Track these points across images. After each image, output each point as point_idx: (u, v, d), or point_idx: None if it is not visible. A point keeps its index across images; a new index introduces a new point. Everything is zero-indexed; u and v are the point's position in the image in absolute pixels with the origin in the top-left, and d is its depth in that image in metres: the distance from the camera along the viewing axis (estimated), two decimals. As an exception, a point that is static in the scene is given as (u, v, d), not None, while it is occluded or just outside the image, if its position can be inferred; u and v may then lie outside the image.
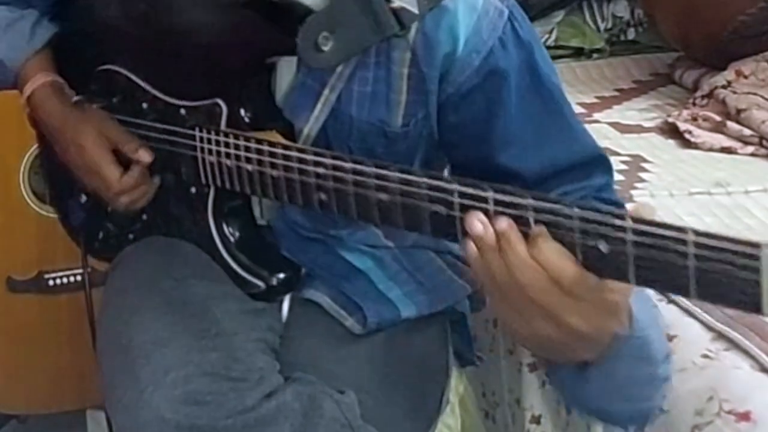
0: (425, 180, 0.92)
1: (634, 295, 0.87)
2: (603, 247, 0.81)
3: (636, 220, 0.80)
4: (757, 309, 0.75)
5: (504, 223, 0.86)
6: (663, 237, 0.78)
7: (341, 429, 1.11)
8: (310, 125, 1.13)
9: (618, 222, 0.80)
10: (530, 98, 1.10)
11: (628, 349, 0.90)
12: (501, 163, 1.10)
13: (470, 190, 0.89)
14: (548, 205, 0.84)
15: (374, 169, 0.96)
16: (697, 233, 0.77)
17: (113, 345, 1.15)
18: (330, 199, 1.01)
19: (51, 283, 1.96)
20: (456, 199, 0.90)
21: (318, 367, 1.17)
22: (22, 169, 1.94)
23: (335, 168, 1.00)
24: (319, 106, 1.12)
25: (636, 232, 0.79)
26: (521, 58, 1.10)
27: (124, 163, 1.23)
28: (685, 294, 0.78)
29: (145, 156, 1.21)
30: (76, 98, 1.30)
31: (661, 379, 0.96)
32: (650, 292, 1.01)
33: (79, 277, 1.90)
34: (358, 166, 0.97)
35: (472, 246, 0.87)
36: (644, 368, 0.94)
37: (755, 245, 0.74)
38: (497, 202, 0.87)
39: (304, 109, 1.13)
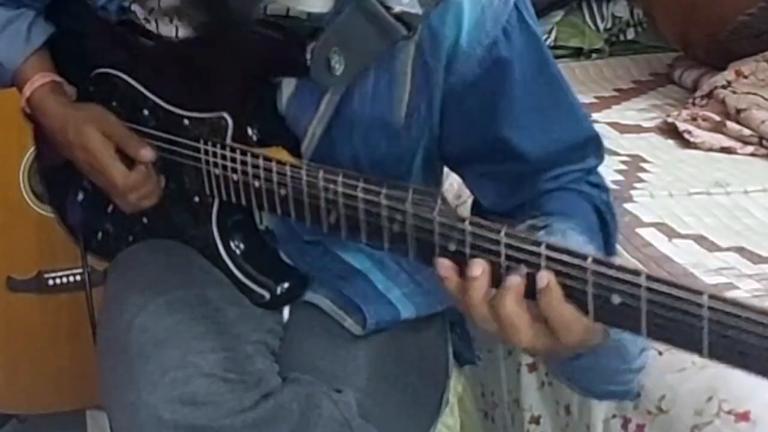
0: (438, 218, 0.91)
1: None
2: (615, 300, 0.81)
3: (650, 277, 0.79)
4: None
5: (543, 278, 0.85)
6: (677, 297, 0.78)
7: (339, 428, 1.11)
8: (315, 124, 1.13)
9: (632, 278, 0.80)
10: (536, 84, 1.11)
11: (605, 351, 0.92)
12: (507, 147, 1.11)
13: (484, 232, 0.88)
14: (561, 256, 0.84)
15: (386, 201, 0.95)
16: (712, 297, 0.76)
17: (113, 345, 1.15)
18: (339, 222, 1.01)
19: (51, 282, 1.96)
20: (468, 239, 0.89)
21: (318, 368, 1.17)
22: (22, 169, 1.94)
23: (346, 196, 0.99)
24: (323, 106, 1.12)
25: (650, 290, 0.79)
26: (527, 45, 1.10)
27: (129, 161, 1.21)
28: (699, 354, 0.78)
29: (147, 155, 1.19)
30: (73, 100, 1.30)
31: (636, 370, 0.99)
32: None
33: (79, 277, 1.91)
34: (370, 197, 0.97)
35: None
36: (619, 364, 0.97)
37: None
38: (509, 246, 0.87)
39: (308, 109, 1.13)
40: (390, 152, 1.14)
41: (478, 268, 0.88)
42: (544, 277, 0.84)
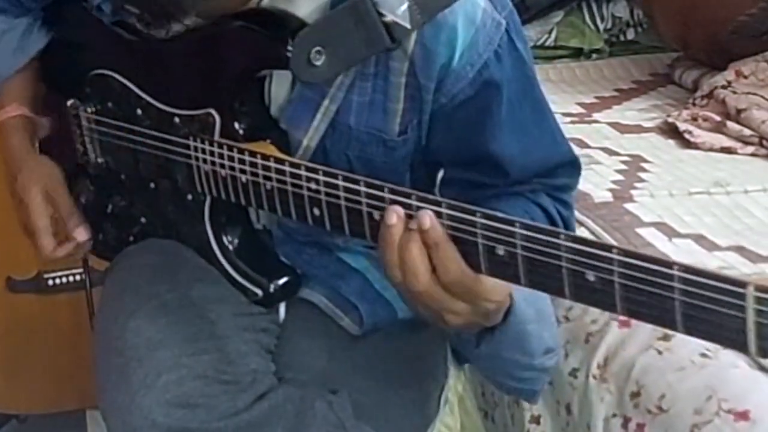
0: (415, 203, 0.93)
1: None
2: (590, 276, 0.82)
3: (622, 251, 0.80)
4: (743, 348, 0.75)
5: (423, 217, 0.90)
6: (649, 270, 0.78)
7: (333, 429, 1.11)
8: (310, 136, 1.13)
9: (604, 253, 0.81)
10: (521, 106, 1.13)
11: (504, 337, 0.98)
12: (488, 162, 1.13)
13: (460, 214, 0.90)
14: (536, 235, 0.85)
15: (365, 189, 0.96)
16: (683, 268, 0.76)
17: (108, 347, 1.16)
18: (323, 215, 1.01)
19: (51, 283, 1.95)
20: (446, 222, 0.91)
21: (314, 368, 1.18)
22: (22, 169, 1.94)
23: (327, 185, 0.99)
24: (318, 116, 1.12)
25: (622, 264, 0.80)
26: (516, 68, 1.12)
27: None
28: (674, 328, 0.78)
29: (80, 236, 1.25)
30: (70, 102, 1.30)
31: (538, 370, 1.04)
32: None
33: (78, 277, 1.91)
34: (350, 185, 0.97)
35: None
36: (520, 357, 1.02)
37: (741, 284, 0.73)
38: (485, 227, 0.88)
39: (303, 120, 1.13)
40: (385, 165, 1.14)
41: (392, 216, 0.92)
42: (425, 216, 0.89)
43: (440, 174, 1.20)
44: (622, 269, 0.80)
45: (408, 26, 1.04)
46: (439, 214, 0.91)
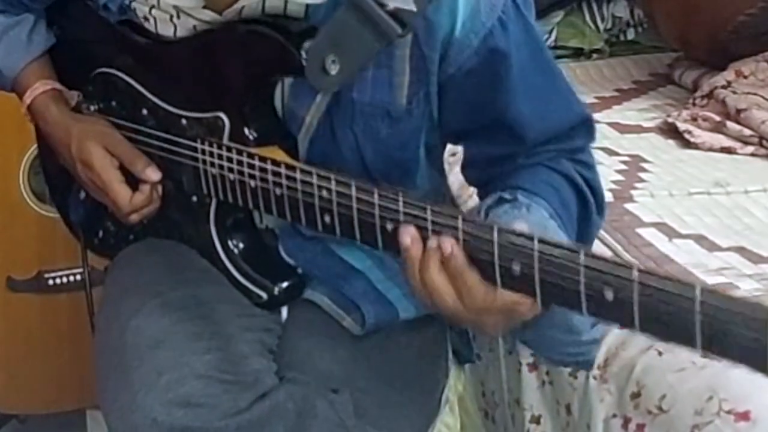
0: (430, 216, 0.93)
1: None
2: (608, 295, 0.82)
3: (642, 271, 0.80)
4: (762, 368, 0.75)
5: (445, 243, 0.92)
6: (669, 292, 0.78)
7: (335, 429, 1.11)
8: (312, 113, 1.12)
9: (624, 273, 0.81)
10: (532, 72, 1.12)
11: (548, 321, 0.99)
12: (504, 131, 1.13)
13: (477, 230, 0.90)
14: (555, 250, 0.85)
15: (379, 200, 0.96)
16: (704, 291, 0.77)
17: (109, 347, 1.16)
18: (333, 222, 1.01)
19: (51, 282, 1.96)
20: (462, 237, 0.91)
21: (316, 368, 1.18)
22: (22, 169, 1.94)
23: (339, 194, 0.99)
24: (320, 95, 1.11)
25: (642, 284, 0.80)
26: (522, 34, 1.11)
27: (131, 178, 1.21)
28: (692, 347, 0.79)
29: (153, 175, 1.19)
30: (77, 100, 1.29)
31: (586, 343, 1.08)
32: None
33: (79, 277, 1.91)
34: (363, 195, 0.97)
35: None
36: (567, 336, 1.05)
37: (763, 308, 0.74)
38: (502, 243, 0.89)
39: (306, 97, 1.12)
40: (391, 138, 1.14)
41: (407, 237, 0.94)
42: (447, 243, 0.91)
43: (460, 152, 1.21)
44: (641, 289, 0.80)
45: (414, 9, 1.04)
46: (455, 228, 0.91)
